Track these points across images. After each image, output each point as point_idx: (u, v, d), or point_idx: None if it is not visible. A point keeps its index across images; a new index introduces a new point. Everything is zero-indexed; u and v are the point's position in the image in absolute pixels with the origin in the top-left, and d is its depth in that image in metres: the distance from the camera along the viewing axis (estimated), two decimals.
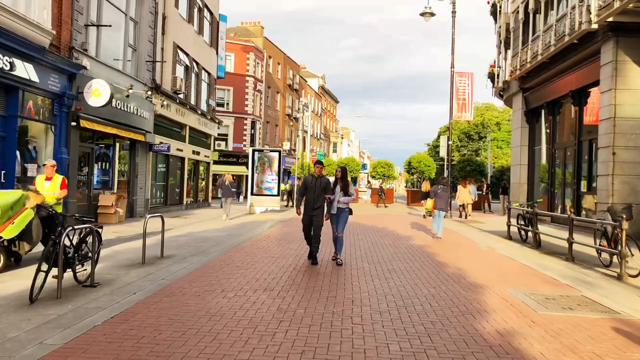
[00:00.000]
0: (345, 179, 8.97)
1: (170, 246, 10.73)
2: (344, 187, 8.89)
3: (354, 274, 7.95)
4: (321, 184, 8.72)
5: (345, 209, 9.00)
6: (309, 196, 8.76)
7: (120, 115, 16.45)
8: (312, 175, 8.93)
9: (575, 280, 7.98)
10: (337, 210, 8.89)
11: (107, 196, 15.91)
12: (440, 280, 7.68)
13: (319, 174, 8.87)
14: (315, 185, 8.74)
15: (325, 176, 8.95)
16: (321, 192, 8.72)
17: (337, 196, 8.83)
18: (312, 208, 8.79)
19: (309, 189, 8.79)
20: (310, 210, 8.77)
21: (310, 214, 8.77)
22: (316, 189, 8.77)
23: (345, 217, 9.03)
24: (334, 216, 8.95)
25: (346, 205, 8.98)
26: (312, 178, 8.87)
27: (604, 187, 13.74)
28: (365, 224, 17.20)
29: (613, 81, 13.54)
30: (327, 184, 8.80)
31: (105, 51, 16.18)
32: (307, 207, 8.82)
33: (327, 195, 8.73)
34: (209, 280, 7.15)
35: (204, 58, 26.10)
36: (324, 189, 8.72)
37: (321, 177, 8.83)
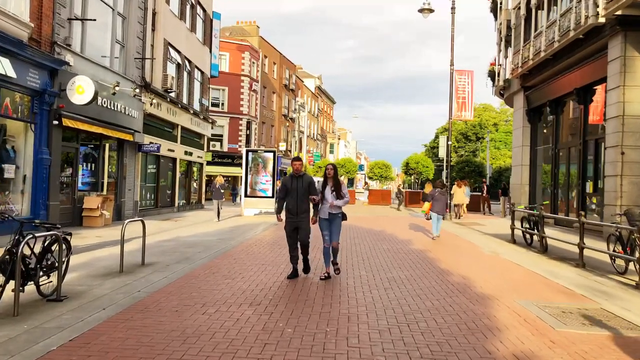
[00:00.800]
0: (336, 178, 7.64)
1: (154, 252, 10.06)
2: (336, 188, 7.51)
3: (350, 284, 7.29)
4: (303, 184, 7.41)
5: (339, 215, 7.64)
6: (290, 200, 7.42)
7: (106, 114, 15.76)
8: (292, 175, 7.52)
9: (590, 290, 7.34)
10: (328, 216, 7.56)
11: (93, 198, 15.21)
12: (444, 290, 7.03)
13: (299, 172, 7.50)
14: (296, 186, 7.40)
15: (307, 174, 7.66)
16: (304, 193, 7.40)
17: (327, 198, 7.50)
18: (296, 213, 7.46)
19: (289, 191, 7.42)
20: (294, 216, 7.45)
21: (295, 220, 7.46)
22: (298, 190, 7.42)
23: (339, 224, 7.72)
24: (324, 222, 7.59)
25: (339, 209, 7.65)
26: (291, 178, 7.50)
27: (612, 188, 13.13)
28: (362, 227, 16.55)
29: (621, 77, 12.93)
30: (311, 183, 7.48)
31: (91, 47, 15.50)
32: (289, 214, 7.48)
33: (311, 196, 7.41)
34: (190, 293, 6.47)
35: (196, 56, 25.42)
36: (308, 189, 7.42)
37: (302, 176, 7.50)
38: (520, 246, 12.42)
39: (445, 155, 22.83)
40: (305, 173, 7.68)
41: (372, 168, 41.87)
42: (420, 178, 43.35)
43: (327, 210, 7.55)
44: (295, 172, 7.51)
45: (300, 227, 7.50)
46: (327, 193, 7.55)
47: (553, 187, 18.18)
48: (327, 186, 7.59)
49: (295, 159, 7.74)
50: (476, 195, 29.41)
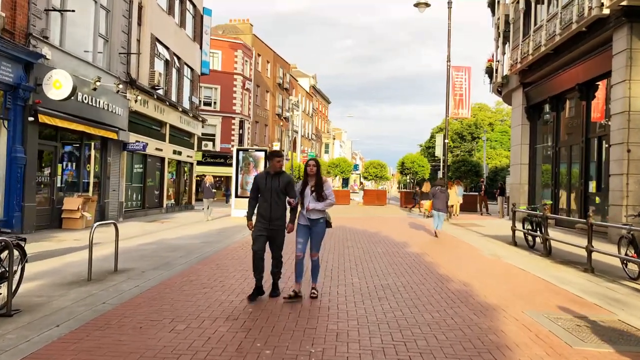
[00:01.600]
0: (319, 174, 6.28)
1: (132, 257, 9.36)
2: (317, 188, 6.16)
3: (340, 293, 6.61)
4: (280, 184, 6.11)
5: (320, 220, 6.27)
6: (263, 203, 6.13)
7: (88, 111, 15.03)
8: (267, 173, 6.23)
9: (603, 298, 6.71)
10: (308, 222, 6.25)
11: (73, 199, 14.47)
12: (444, 300, 6.37)
13: (277, 169, 6.22)
14: (270, 186, 6.11)
15: (286, 173, 6.33)
16: (280, 195, 6.12)
17: (307, 201, 6.17)
18: (269, 219, 6.13)
19: (263, 191, 6.14)
20: (267, 222, 6.10)
21: (267, 227, 6.10)
22: (272, 191, 6.10)
23: (321, 232, 6.34)
24: (302, 229, 6.26)
25: (321, 214, 6.28)
26: (266, 176, 6.20)
27: (618, 187, 12.53)
28: (357, 229, 15.89)
29: (627, 71, 12.33)
30: (289, 183, 6.16)
31: (72, 41, 14.76)
32: (261, 218, 6.14)
33: (289, 199, 6.14)
34: (160, 305, 5.78)
35: (186, 53, 24.69)
36: (285, 190, 6.15)
37: (280, 174, 6.21)
38: (522, 248, 11.80)
39: (442, 154, 22.19)
40: (284, 171, 6.36)
41: (367, 168, 41.20)
42: (415, 178, 42.74)
43: (307, 215, 6.25)
44: (272, 170, 6.20)
45: (273, 237, 6.15)
46: (306, 193, 6.22)
47: (554, 187, 17.58)
48: (308, 186, 6.24)
49: (273, 153, 6.32)
50: (473, 195, 28.88)
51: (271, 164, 6.25)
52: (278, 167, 6.22)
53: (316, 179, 6.24)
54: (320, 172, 6.33)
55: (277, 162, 6.21)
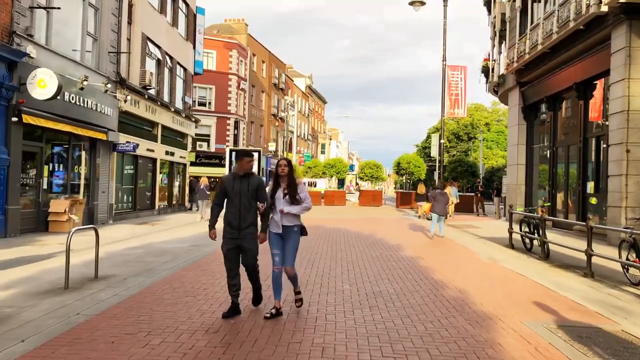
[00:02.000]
0: (291, 175, 5.61)
1: (115, 262, 9.03)
2: (290, 190, 5.51)
3: (330, 302, 6.29)
4: (249, 188, 5.45)
5: (294, 228, 5.59)
6: (231, 209, 5.46)
7: (76, 111, 14.67)
8: (235, 175, 5.56)
9: (605, 306, 6.41)
10: (282, 230, 5.56)
11: (60, 201, 14.10)
12: (438, 309, 6.06)
13: (246, 170, 5.53)
14: (239, 189, 5.43)
15: (256, 175, 5.68)
16: (250, 200, 5.45)
17: (278, 205, 5.53)
18: (238, 228, 5.46)
19: (231, 195, 5.46)
20: (236, 231, 5.44)
21: (237, 237, 5.44)
22: (242, 195, 5.43)
23: (296, 241, 5.64)
24: (275, 238, 5.60)
25: (296, 220, 5.61)
26: (233, 179, 5.51)
27: (617, 188, 12.26)
28: (351, 230, 15.58)
29: (626, 70, 12.06)
30: (259, 186, 5.50)
31: (59, 39, 14.40)
32: (229, 228, 5.47)
33: (259, 204, 5.51)
34: (137, 316, 5.46)
35: (178, 52, 24.33)
36: (255, 194, 5.49)
37: (249, 176, 5.52)
38: (519, 251, 11.51)
39: (438, 155, 21.91)
40: (254, 173, 5.69)
41: (363, 168, 40.89)
42: (412, 178, 42.48)
43: (279, 222, 5.58)
44: (240, 170, 5.51)
45: (244, 246, 5.47)
46: (278, 197, 5.56)
47: (551, 188, 17.31)
48: (279, 188, 5.60)
49: (242, 152, 5.68)
50: (469, 195, 28.61)
51: (239, 165, 5.53)
52: (248, 168, 5.53)
53: (289, 180, 5.59)
54: (293, 173, 5.67)
55: (247, 162, 5.52)
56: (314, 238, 13.45)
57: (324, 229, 16.05)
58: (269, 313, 5.46)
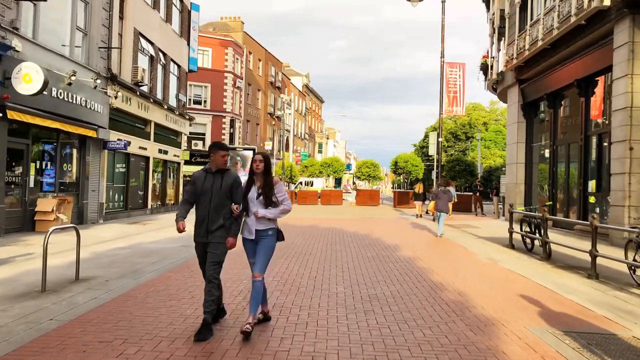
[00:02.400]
0: (268, 174, 4.94)
1: (100, 263, 8.65)
2: (265, 190, 4.87)
3: (322, 305, 5.94)
4: (222, 185, 4.86)
5: (269, 232, 4.91)
6: (201, 208, 4.90)
7: (64, 107, 14.25)
8: (207, 170, 4.96)
9: (612, 310, 6.08)
10: (255, 234, 4.91)
11: (47, 200, 13.70)
12: (437, 313, 5.71)
13: (220, 166, 4.93)
14: (210, 186, 4.86)
15: (232, 171, 5.04)
16: (223, 199, 4.85)
17: (252, 207, 4.89)
18: (207, 230, 4.87)
19: (201, 193, 4.89)
20: (204, 235, 4.88)
21: (203, 241, 4.90)
22: (213, 193, 4.84)
23: (269, 247, 4.92)
24: (249, 245, 4.97)
25: (271, 224, 4.94)
26: (205, 174, 4.93)
27: (619, 187, 11.93)
28: (347, 230, 15.23)
29: (629, 65, 11.74)
30: (234, 183, 4.89)
31: (48, 33, 13.98)
32: (198, 229, 4.92)
33: (234, 204, 4.86)
34: (116, 321, 5.09)
35: (172, 49, 23.92)
36: (229, 193, 4.88)
37: (224, 172, 4.93)
38: (519, 252, 11.18)
39: (436, 153, 21.57)
40: (229, 169, 5.03)
41: (360, 167, 40.54)
42: (409, 177, 42.17)
43: (253, 225, 4.89)
44: (212, 166, 4.92)
45: (211, 251, 4.84)
46: (251, 197, 4.90)
47: (551, 187, 16.99)
48: (253, 187, 4.93)
49: (216, 145, 4.97)
50: (467, 195, 28.30)
51: (212, 159, 4.90)
52: (221, 163, 4.89)
53: (264, 178, 4.89)
54: (270, 170, 4.96)
55: (221, 156, 4.87)
56: (308, 238, 13.10)
57: (319, 229, 15.71)
58: (247, 327, 4.61)
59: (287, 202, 4.95)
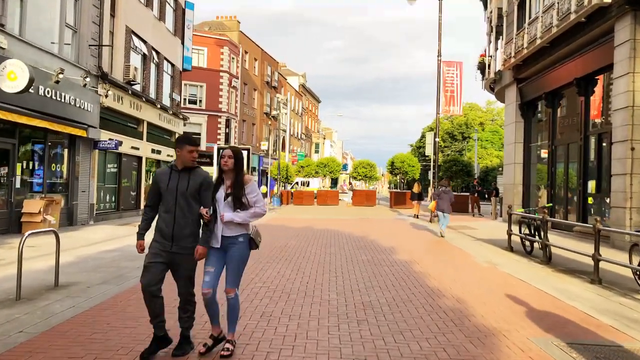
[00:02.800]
0: (239, 171, 4.25)
1: (85, 267, 8.31)
2: (235, 190, 4.20)
3: (313, 314, 5.62)
4: (190, 186, 4.15)
5: (240, 238, 4.24)
6: (165, 212, 4.17)
7: (52, 106, 13.90)
8: (173, 168, 4.25)
9: (619, 319, 5.78)
10: (221, 241, 4.20)
11: (34, 201, 13.34)
12: (435, 322, 5.40)
13: (187, 163, 4.21)
14: (175, 186, 4.16)
15: (200, 169, 4.31)
16: (191, 202, 4.16)
17: (220, 208, 4.21)
18: (172, 238, 4.13)
19: (165, 195, 4.19)
20: (168, 243, 4.12)
21: (167, 250, 4.12)
22: (178, 195, 4.15)
23: (240, 256, 4.25)
24: (214, 253, 4.22)
25: (243, 229, 4.26)
26: (170, 173, 4.22)
27: (620, 188, 11.66)
28: (342, 232, 14.92)
29: (631, 63, 11.47)
30: (204, 184, 4.19)
31: (36, 30, 13.62)
32: (160, 237, 4.16)
33: (203, 207, 4.15)
34: (91, 333, 4.75)
35: (166, 47, 23.55)
36: (198, 195, 4.19)
37: (191, 170, 4.23)
38: (518, 254, 10.89)
39: (433, 153, 21.29)
40: (198, 167, 4.31)
41: (356, 167, 40.24)
42: (406, 178, 41.89)
43: (220, 231, 4.20)
44: (178, 163, 4.22)
45: (177, 264, 4.16)
46: (219, 199, 4.23)
47: (550, 188, 16.72)
48: (222, 187, 4.29)
49: (183, 140, 4.27)
50: (464, 195, 28.04)
51: (179, 155, 4.20)
52: (189, 159, 4.19)
53: (234, 177, 4.23)
54: (241, 168, 4.27)
55: (188, 152, 4.17)
56: (302, 240, 12.79)
57: (314, 230, 15.41)
58: (205, 347, 4.21)
59: (259, 204, 4.28)
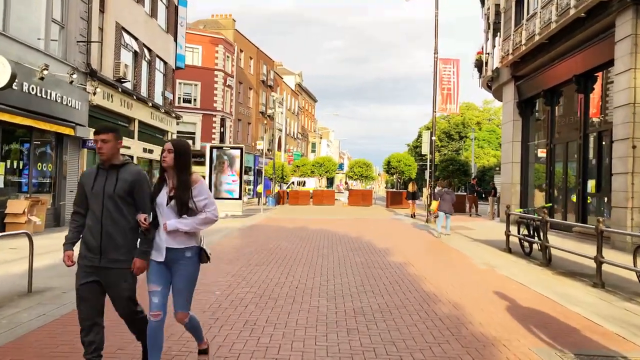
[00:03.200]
0: (182, 170, 3.51)
1: (62, 272, 7.84)
2: (179, 192, 3.48)
3: (300, 323, 5.26)
4: (118, 187, 3.46)
5: (187, 253, 3.54)
6: (91, 219, 3.48)
7: (37, 103, 13.50)
8: (101, 166, 3.55)
9: (625, 325, 5.44)
10: (165, 255, 3.49)
11: (18, 202, 12.93)
12: (430, 331, 5.05)
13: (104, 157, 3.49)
14: (102, 189, 3.45)
15: (132, 165, 3.64)
16: (122, 206, 3.47)
17: (162, 215, 3.51)
18: (99, 251, 3.43)
19: (91, 197, 3.49)
20: (95, 256, 3.45)
21: (96, 265, 3.45)
22: (106, 199, 3.44)
23: (189, 273, 3.57)
24: (156, 268, 3.53)
25: (192, 241, 3.57)
26: (97, 173, 3.53)
27: (622, 187, 11.34)
28: (337, 232, 14.56)
29: (632, 59, 11.14)
30: (137, 184, 3.50)
31: (20, 25, 13.24)
32: (86, 251, 3.49)
33: (141, 215, 3.48)
34: (56, 345, 4.39)
35: (158, 45, 23.15)
36: (131, 197, 3.50)
37: (120, 166, 3.54)
38: (517, 256, 10.56)
39: (429, 153, 20.95)
40: (130, 163, 3.63)
41: (352, 167, 39.90)
42: (402, 177, 41.56)
43: (161, 243, 3.50)
44: (104, 159, 3.49)
45: (109, 283, 3.48)
46: (160, 203, 3.50)
47: (548, 187, 16.41)
48: (165, 188, 3.54)
49: (101, 129, 3.49)
50: (461, 195, 27.72)
51: (97, 150, 3.48)
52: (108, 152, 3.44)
53: (178, 176, 3.47)
54: (185, 165, 3.51)
55: (102, 141, 3.42)
56: (295, 241, 12.43)
57: (308, 231, 15.05)
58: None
59: (210, 208, 3.52)
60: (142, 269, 3.49)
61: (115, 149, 3.54)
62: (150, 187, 3.61)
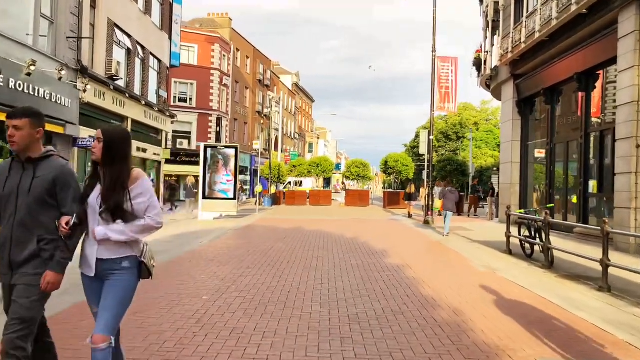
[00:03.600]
0: (116, 162, 2.83)
1: None
2: (110, 191, 2.81)
3: (291, 331, 4.93)
4: (34, 184, 2.89)
5: (124, 263, 2.87)
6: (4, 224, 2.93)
7: (25, 101, 13.03)
8: (15, 159, 2.99)
9: (634, 332, 5.14)
10: (96, 267, 2.85)
11: None
12: (430, 340, 4.73)
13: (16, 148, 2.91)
14: (17, 187, 2.90)
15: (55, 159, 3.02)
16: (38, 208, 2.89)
17: (92, 219, 2.87)
18: (8, 262, 2.87)
19: (2, 198, 2.92)
20: (5, 267, 2.90)
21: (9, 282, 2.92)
22: (19, 199, 2.85)
23: (121, 290, 2.85)
24: (92, 288, 2.93)
25: (129, 251, 2.89)
26: (10, 167, 2.97)
27: (625, 187, 11.05)
28: (333, 233, 14.24)
29: (636, 56, 10.85)
30: (59, 181, 2.93)
31: (6, 20, 12.87)
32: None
33: (64, 219, 2.87)
34: None
35: (152, 42, 22.79)
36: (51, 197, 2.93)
37: (38, 162, 2.95)
38: (518, 258, 10.25)
39: (427, 152, 20.65)
40: (53, 155, 3.02)
41: (349, 167, 39.59)
42: (399, 178, 41.28)
43: (92, 253, 2.88)
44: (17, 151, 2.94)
45: (14, 299, 2.86)
46: (91, 204, 2.87)
47: (548, 187, 16.12)
48: (97, 187, 2.89)
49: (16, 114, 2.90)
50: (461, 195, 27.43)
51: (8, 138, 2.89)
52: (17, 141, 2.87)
53: (110, 171, 2.82)
54: (120, 157, 2.87)
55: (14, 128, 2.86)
56: (290, 242, 12.09)
57: (304, 232, 14.73)
58: None
59: (152, 213, 2.90)
60: (54, 284, 2.87)
61: (33, 138, 2.91)
62: (78, 185, 2.99)
